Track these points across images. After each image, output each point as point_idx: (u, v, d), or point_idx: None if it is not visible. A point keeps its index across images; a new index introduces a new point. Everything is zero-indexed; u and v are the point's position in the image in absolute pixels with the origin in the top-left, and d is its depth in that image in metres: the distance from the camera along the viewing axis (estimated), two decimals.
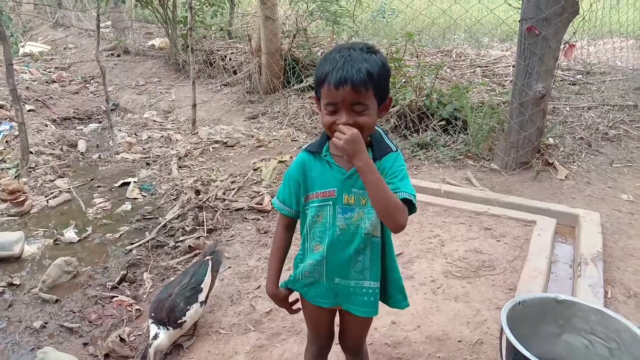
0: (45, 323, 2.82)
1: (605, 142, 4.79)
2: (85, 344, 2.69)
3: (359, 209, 1.55)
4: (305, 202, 1.61)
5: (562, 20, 3.86)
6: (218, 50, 7.94)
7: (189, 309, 2.45)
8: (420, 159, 4.62)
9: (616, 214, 3.59)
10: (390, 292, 1.69)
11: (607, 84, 6.08)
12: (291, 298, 1.77)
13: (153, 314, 2.42)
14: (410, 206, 1.48)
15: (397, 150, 1.56)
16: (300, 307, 1.77)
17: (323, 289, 1.64)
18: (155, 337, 2.33)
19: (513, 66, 5.51)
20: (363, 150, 1.40)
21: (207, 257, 2.78)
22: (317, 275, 1.63)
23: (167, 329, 2.37)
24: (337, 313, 1.79)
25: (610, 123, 5.08)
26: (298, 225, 1.72)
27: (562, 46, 4.14)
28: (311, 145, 1.61)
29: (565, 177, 4.14)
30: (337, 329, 1.89)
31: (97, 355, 2.58)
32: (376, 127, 1.54)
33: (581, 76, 6.48)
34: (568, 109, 5.44)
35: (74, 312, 2.92)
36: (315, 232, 1.60)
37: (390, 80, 5.29)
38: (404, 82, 5.32)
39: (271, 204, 3.89)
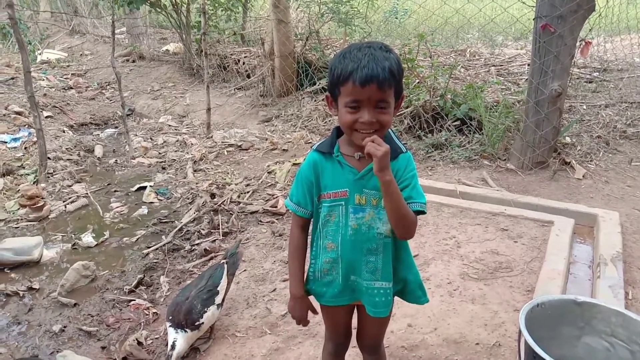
0: (64, 327, 2.85)
1: (624, 140, 4.71)
2: (103, 348, 2.72)
3: (370, 209, 1.55)
4: (318, 201, 1.62)
5: (577, 18, 3.81)
6: (232, 55, 7.99)
7: (206, 311, 2.46)
8: (435, 159, 4.59)
9: (636, 213, 3.53)
10: (409, 288, 1.71)
11: (624, 81, 5.99)
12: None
13: (170, 317, 2.44)
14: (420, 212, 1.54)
15: (406, 152, 1.57)
16: (317, 313, 1.77)
17: (340, 287, 1.65)
18: (173, 346, 2.34)
19: (528, 64, 5.45)
20: (389, 164, 1.42)
21: (223, 261, 2.79)
22: (335, 273, 1.64)
23: (185, 331, 2.39)
24: (355, 310, 1.79)
25: (629, 121, 4.99)
26: None
27: (578, 44, 4.09)
28: (322, 145, 1.61)
29: (583, 176, 4.08)
30: (354, 332, 1.88)
31: (115, 359, 2.61)
32: None
33: (598, 74, 6.39)
34: (585, 107, 5.36)
35: (92, 316, 2.95)
36: (328, 231, 1.61)
37: (404, 80, 5.27)
38: (418, 82, 5.30)
39: (284, 206, 3.87)
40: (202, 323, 2.44)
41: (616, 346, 1.87)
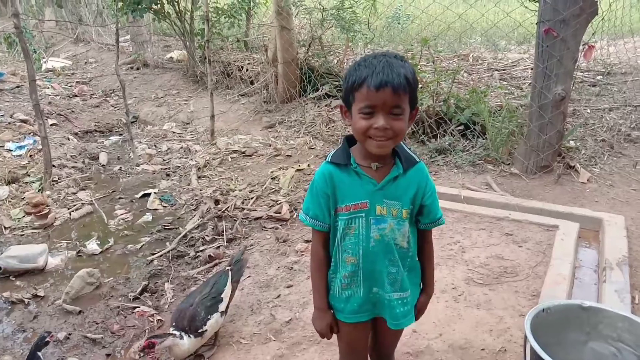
0: (69, 334, 2.86)
1: (628, 143, 4.69)
2: (108, 355, 2.72)
3: (391, 219, 1.54)
4: (334, 214, 1.59)
5: (580, 21, 3.80)
6: (235, 61, 8.02)
7: (209, 319, 2.46)
8: (438, 164, 4.59)
9: None
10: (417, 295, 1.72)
11: (628, 84, 5.97)
12: None
13: (174, 323, 2.44)
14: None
15: (419, 161, 1.59)
16: (338, 330, 1.72)
17: (361, 300, 1.62)
18: (181, 337, 2.36)
19: (531, 69, 5.44)
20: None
21: (228, 268, 2.79)
22: (355, 286, 1.61)
23: (189, 336, 2.39)
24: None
25: (633, 124, 4.97)
26: None
27: (581, 47, 4.08)
28: (336, 157, 1.56)
29: (588, 180, 4.07)
30: None
31: None
32: None
33: (601, 77, 6.38)
34: (589, 110, 5.35)
35: (96, 323, 2.95)
36: (347, 244, 1.58)
37: None
38: (421, 87, 5.30)
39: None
40: (205, 330, 2.44)
41: (623, 351, 1.85)
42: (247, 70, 7.76)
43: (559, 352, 1.83)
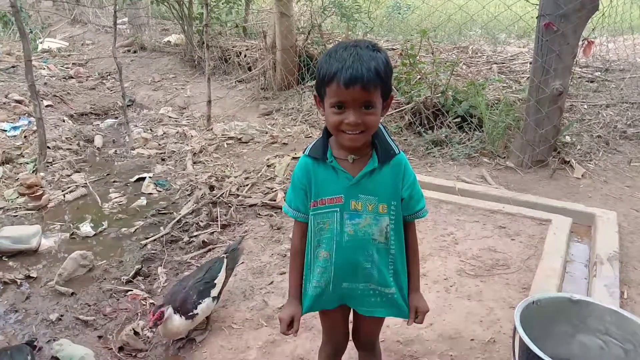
0: (61, 316, 2.86)
1: (624, 140, 4.71)
2: (100, 337, 2.73)
3: (367, 214, 1.53)
4: (310, 208, 1.59)
5: (580, 17, 3.80)
6: (233, 47, 7.96)
7: (201, 303, 2.47)
8: (434, 156, 4.59)
9: (633, 214, 3.54)
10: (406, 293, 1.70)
11: (626, 82, 5.97)
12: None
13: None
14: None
15: (399, 152, 1.56)
16: (295, 330, 1.71)
17: (329, 297, 1.64)
18: (174, 312, 2.37)
19: (530, 63, 5.44)
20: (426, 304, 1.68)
21: (223, 255, 2.80)
22: (324, 283, 1.62)
23: (180, 317, 2.40)
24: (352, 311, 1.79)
25: (629, 121, 4.99)
26: None
27: (580, 43, 4.08)
28: (313, 151, 1.56)
29: (582, 175, 4.09)
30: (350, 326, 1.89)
31: (112, 348, 2.62)
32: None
33: (600, 73, 6.38)
34: (586, 106, 5.35)
35: (89, 305, 2.96)
36: (322, 239, 1.58)
37: (405, 76, 5.14)
38: (419, 78, 5.29)
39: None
40: (197, 314, 2.44)
41: (610, 344, 1.88)
42: (245, 56, 7.70)
43: (547, 344, 1.85)
